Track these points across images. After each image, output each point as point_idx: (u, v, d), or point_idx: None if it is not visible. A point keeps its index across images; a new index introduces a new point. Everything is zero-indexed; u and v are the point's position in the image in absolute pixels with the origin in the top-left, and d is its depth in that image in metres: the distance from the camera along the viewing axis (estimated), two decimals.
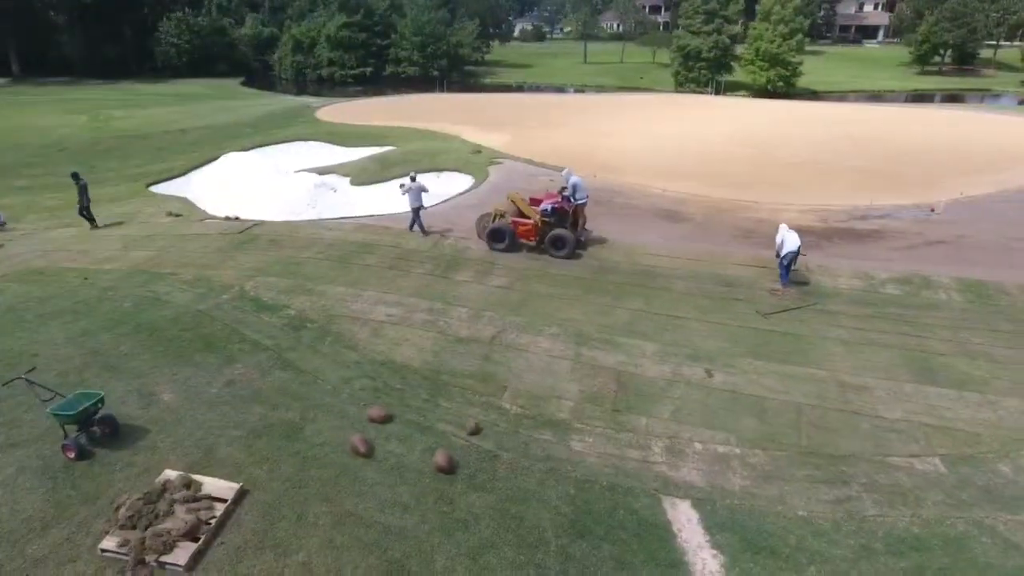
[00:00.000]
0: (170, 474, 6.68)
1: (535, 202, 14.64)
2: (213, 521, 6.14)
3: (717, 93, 55.49)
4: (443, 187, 19.35)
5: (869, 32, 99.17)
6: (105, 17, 56.85)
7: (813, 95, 56.49)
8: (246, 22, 67.58)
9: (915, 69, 70.47)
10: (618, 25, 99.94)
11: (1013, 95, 57.56)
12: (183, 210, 18.07)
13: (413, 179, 15.20)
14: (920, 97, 56.88)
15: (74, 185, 16.38)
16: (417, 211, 15.00)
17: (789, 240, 12.66)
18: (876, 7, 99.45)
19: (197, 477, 6.65)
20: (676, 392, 9.38)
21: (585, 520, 6.86)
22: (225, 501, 6.39)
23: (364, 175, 21.59)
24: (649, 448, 8.16)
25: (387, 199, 18.70)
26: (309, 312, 10.90)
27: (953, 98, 56.69)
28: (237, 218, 16.48)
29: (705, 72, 58.99)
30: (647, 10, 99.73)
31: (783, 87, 56.74)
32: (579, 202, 14.57)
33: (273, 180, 20.35)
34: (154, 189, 21.37)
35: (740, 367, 10.06)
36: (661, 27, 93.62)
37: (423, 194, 15.06)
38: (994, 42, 71.50)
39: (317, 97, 48.37)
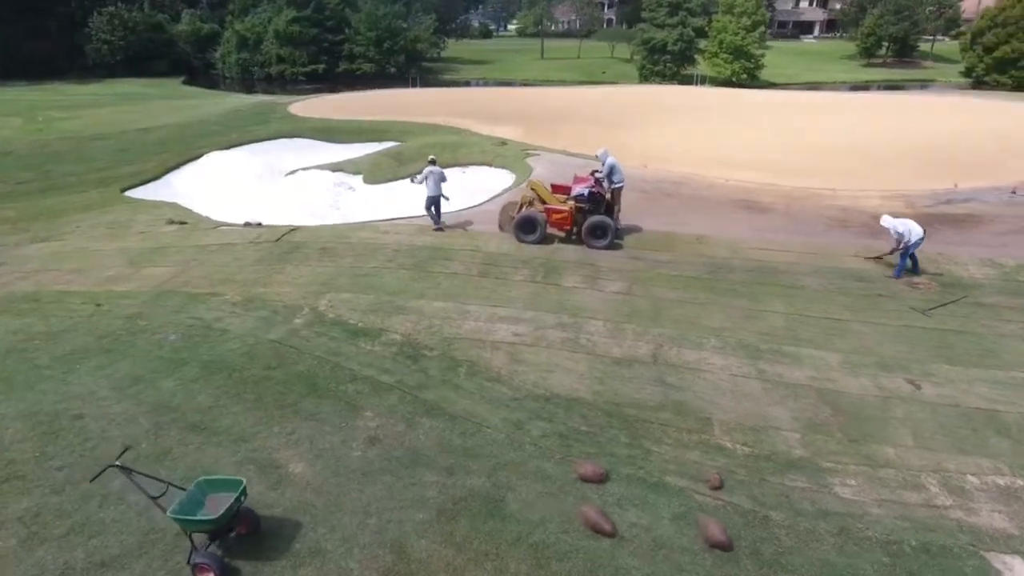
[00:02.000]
0: None
1: (558, 189, 13.01)
2: None
3: (685, 83, 55.05)
4: (480, 183, 17.27)
5: (805, 28, 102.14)
6: (27, 12, 50.96)
7: (772, 87, 56.98)
8: (183, 18, 62.55)
9: (860, 61, 72.67)
10: (566, 23, 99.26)
11: (942, 84, 59.67)
12: (179, 216, 15.25)
13: (433, 162, 13.11)
14: (866, 87, 58.51)
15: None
16: (435, 200, 12.96)
17: (915, 228, 11.48)
18: (811, 3, 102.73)
19: None
20: (896, 411, 7.79)
21: None
22: None
23: (378, 173, 19.19)
24: (924, 487, 6.51)
25: (412, 198, 16.46)
26: (416, 335, 8.70)
27: (895, 87, 58.52)
28: (259, 224, 13.92)
29: (670, 65, 58.65)
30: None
31: (747, 79, 57.03)
32: (616, 186, 12.87)
33: (281, 180, 17.77)
34: (131, 194, 18.27)
35: (941, 375, 8.59)
36: (606, 23, 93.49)
37: (443, 183, 13.02)
38: (931, 36, 74.63)
39: (269, 95, 44.71)
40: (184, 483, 5.11)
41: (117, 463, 4.81)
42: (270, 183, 18.65)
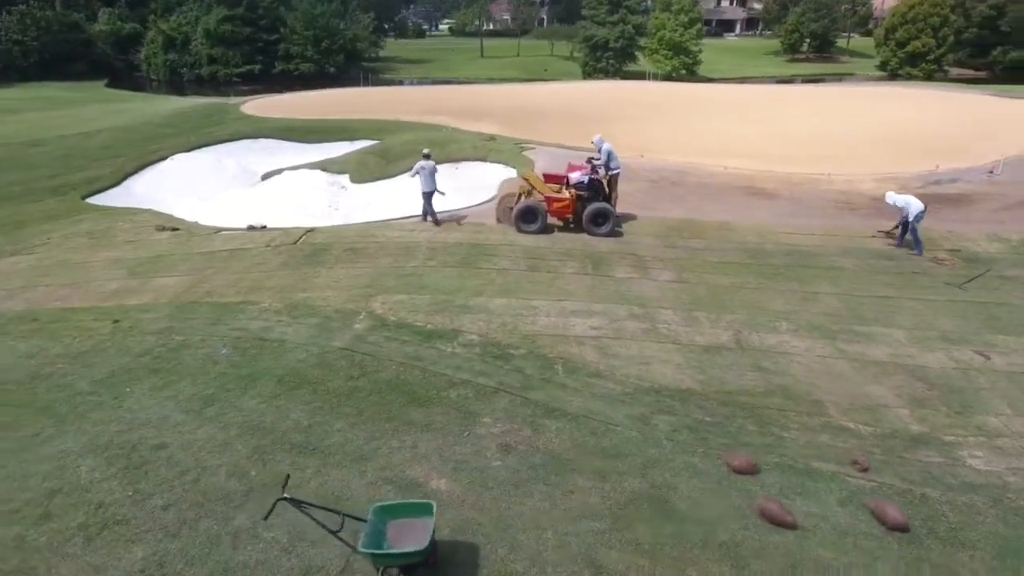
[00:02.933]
0: None
1: (550, 178, 12.93)
2: None
3: (633, 79, 55.96)
4: (481, 178, 16.79)
5: (727, 26, 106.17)
6: None
7: (709, 81, 58.80)
8: (100, 16, 58.25)
9: (784, 57, 76.25)
10: (498, 20, 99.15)
11: (861, 77, 63.57)
12: (161, 222, 13.95)
13: (428, 156, 12.78)
14: (791, 80, 61.51)
15: None
16: (430, 196, 12.65)
17: (914, 203, 11.94)
18: (731, 3, 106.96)
19: None
20: (980, 382, 7.97)
21: None
22: None
23: (365, 171, 18.32)
24: None
25: (409, 197, 15.80)
26: (494, 335, 8.21)
27: (816, 80, 61.75)
28: (263, 227, 12.92)
29: (613, 62, 59.53)
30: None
31: (686, 74, 58.61)
32: (613, 172, 12.85)
33: (264, 181, 16.62)
34: (94, 201, 16.69)
35: (1002, 345, 8.89)
36: (537, 23, 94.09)
37: (436, 176, 12.78)
38: (846, 33, 79.19)
39: (205, 97, 42.21)
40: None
41: (285, 496, 4.16)
42: (249, 185, 17.51)
